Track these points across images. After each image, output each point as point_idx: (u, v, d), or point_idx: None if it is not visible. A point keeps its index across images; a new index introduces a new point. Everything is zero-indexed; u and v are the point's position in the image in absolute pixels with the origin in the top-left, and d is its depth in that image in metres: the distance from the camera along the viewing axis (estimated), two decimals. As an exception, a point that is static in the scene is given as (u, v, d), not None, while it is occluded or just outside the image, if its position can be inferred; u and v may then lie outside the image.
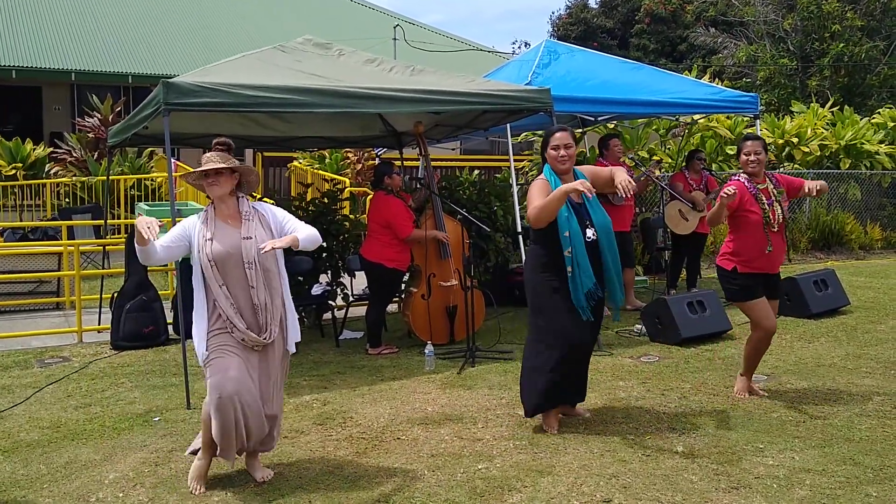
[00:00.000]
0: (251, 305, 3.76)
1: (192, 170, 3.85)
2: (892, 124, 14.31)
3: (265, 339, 3.77)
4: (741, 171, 5.08)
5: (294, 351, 4.00)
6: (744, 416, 4.81)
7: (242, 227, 3.82)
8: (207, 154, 3.85)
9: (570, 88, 7.76)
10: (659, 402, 5.13)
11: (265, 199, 7.85)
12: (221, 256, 3.75)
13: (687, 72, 14.39)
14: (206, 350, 3.75)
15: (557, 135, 4.52)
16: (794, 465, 4.01)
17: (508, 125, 7.50)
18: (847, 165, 13.35)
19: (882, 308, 8.12)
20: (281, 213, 3.98)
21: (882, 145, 13.70)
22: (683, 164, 8.83)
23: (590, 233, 4.45)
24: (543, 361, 4.53)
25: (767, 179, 5.02)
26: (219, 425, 3.68)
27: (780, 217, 4.92)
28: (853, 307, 8.09)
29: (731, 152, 12.15)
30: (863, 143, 13.46)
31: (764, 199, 4.91)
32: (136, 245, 3.68)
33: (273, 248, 3.69)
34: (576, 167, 4.62)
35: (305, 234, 3.84)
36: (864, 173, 13.48)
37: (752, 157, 4.96)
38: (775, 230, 4.90)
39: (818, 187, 4.88)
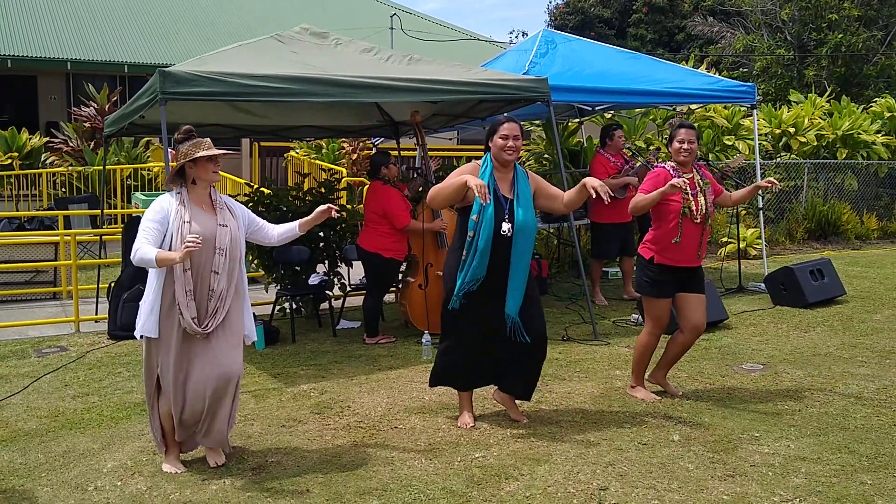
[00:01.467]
0: (207, 292, 3.83)
1: (205, 153, 3.85)
2: (889, 114, 14.29)
3: (205, 327, 3.82)
4: (668, 159, 4.89)
5: (250, 342, 4.10)
6: (739, 404, 4.83)
7: (218, 215, 3.93)
8: (202, 140, 3.90)
9: (568, 78, 7.74)
10: (655, 390, 5.15)
11: (262, 188, 7.83)
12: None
13: (684, 62, 14.36)
14: (149, 330, 3.83)
15: (507, 125, 4.37)
16: (789, 454, 4.04)
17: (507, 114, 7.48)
18: (844, 155, 13.35)
19: (878, 298, 8.15)
20: (248, 211, 4.18)
21: (879, 135, 13.69)
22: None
23: (505, 227, 4.28)
24: (441, 341, 4.57)
25: (695, 170, 4.84)
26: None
27: (704, 209, 4.72)
28: (849, 297, 8.11)
29: (729, 143, 12.15)
30: (859, 134, 13.45)
31: (688, 189, 4.69)
32: (151, 258, 3.68)
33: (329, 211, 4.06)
34: (524, 170, 4.49)
35: (282, 230, 4.21)
36: (861, 163, 13.49)
37: (684, 146, 4.75)
38: (697, 221, 4.69)
39: (768, 184, 4.82)
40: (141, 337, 3.90)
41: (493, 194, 4.29)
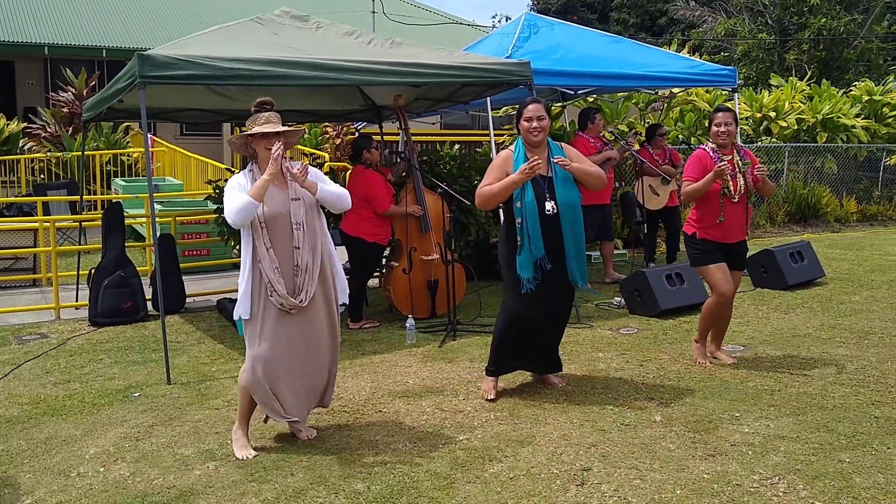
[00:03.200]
0: (293, 267, 3.85)
1: (258, 129, 3.84)
2: (869, 98, 14.41)
3: (301, 301, 3.85)
4: (709, 141, 5.15)
5: (345, 302, 4.16)
6: (720, 385, 4.89)
7: (290, 189, 3.91)
8: (266, 114, 3.87)
9: (550, 62, 7.74)
10: (637, 372, 5.20)
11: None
12: (272, 217, 3.85)
13: (666, 46, 14.37)
14: (249, 314, 3.86)
15: (531, 107, 4.52)
16: (769, 433, 4.09)
17: (489, 99, 7.48)
18: (824, 139, 13.46)
19: (856, 279, 8.24)
20: (320, 174, 4.09)
21: (858, 119, 13.81)
22: (644, 140, 8.87)
23: (549, 206, 4.43)
24: (497, 326, 4.72)
25: (735, 151, 5.08)
26: (256, 399, 3.94)
27: (742, 188, 4.97)
28: (828, 279, 8.20)
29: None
30: (839, 117, 13.56)
31: (728, 170, 4.93)
32: (248, 200, 3.72)
33: (301, 177, 3.83)
34: (558, 143, 4.63)
35: (332, 190, 4.00)
36: (841, 147, 13.60)
37: (722, 128, 5.02)
38: (735, 201, 4.97)
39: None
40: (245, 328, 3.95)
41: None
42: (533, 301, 4.54)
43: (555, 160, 4.47)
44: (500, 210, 4.75)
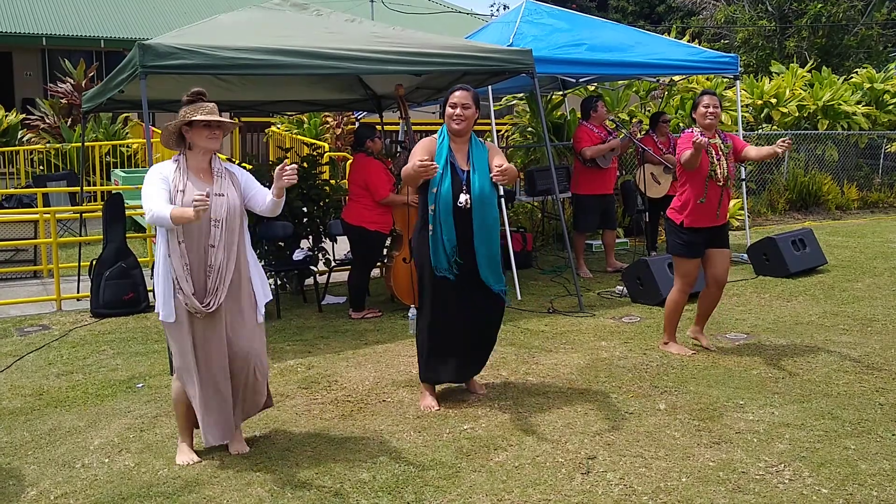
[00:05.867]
0: (205, 266, 3.61)
1: (200, 117, 3.61)
2: (869, 85, 14.36)
3: (207, 307, 3.60)
4: (695, 125, 5.22)
5: (261, 321, 3.84)
6: (724, 373, 4.88)
7: (215, 184, 3.69)
8: (204, 104, 3.66)
9: (551, 50, 7.70)
10: (641, 361, 5.19)
11: (243, 164, 7.76)
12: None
13: (666, 33, 14.31)
14: (168, 315, 3.64)
15: (458, 93, 4.31)
16: (773, 420, 4.09)
17: (490, 88, 7.44)
18: (825, 126, 13.42)
19: (858, 266, 8.23)
20: (250, 176, 3.89)
21: (859, 106, 13.76)
22: (648, 127, 8.84)
23: (463, 198, 4.24)
24: (423, 327, 4.44)
25: (717, 135, 5.17)
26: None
27: (724, 171, 5.08)
28: (830, 266, 8.19)
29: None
30: (840, 104, 13.52)
31: (713, 152, 5.06)
32: (166, 215, 3.46)
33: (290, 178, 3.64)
34: (481, 140, 4.44)
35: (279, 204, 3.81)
36: (842, 134, 13.56)
37: (709, 110, 5.11)
38: (721, 184, 5.07)
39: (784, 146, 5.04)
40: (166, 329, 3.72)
41: (449, 166, 4.26)
42: (446, 301, 4.31)
43: (493, 176, 4.17)
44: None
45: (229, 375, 3.73)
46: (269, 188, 3.81)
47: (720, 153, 5.09)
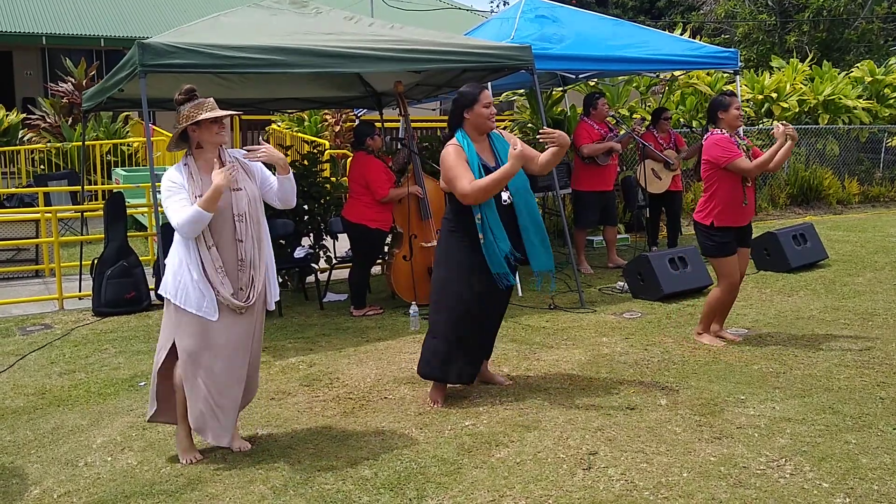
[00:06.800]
0: (237, 262, 3.61)
1: (209, 114, 3.56)
2: (870, 79, 14.34)
3: (246, 301, 3.62)
4: (718, 128, 5.17)
5: (272, 309, 3.91)
6: (725, 368, 4.89)
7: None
8: (204, 101, 3.61)
9: (551, 46, 7.69)
10: (642, 356, 5.20)
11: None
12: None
13: (668, 29, 14.30)
14: (179, 298, 3.59)
15: (487, 92, 4.31)
16: (774, 415, 4.09)
17: (490, 84, 7.43)
18: (825, 121, 13.40)
19: (859, 261, 8.23)
20: (263, 167, 3.85)
21: (860, 100, 13.75)
22: (649, 124, 8.84)
23: (504, 196, 4.24)
24: (441, 323, 4.37)
25: (736, 136, 5.23)
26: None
27: None
28: (831, 261, 8.19)
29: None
30: (841, 99, 13.50)
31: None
32: (199, 210, 3.45)
33: (260, 156, 3.60)
34: (496, 132, 4.43)
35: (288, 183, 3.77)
36: (842, 128, 13.55)
37: (741, 113, 5.19)
38: (749, 184, 5.14)
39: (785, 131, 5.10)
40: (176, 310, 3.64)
41: (481, 168, 4.20)
42: (484, 299, 4.30)
43: (541, 137, 4.17)
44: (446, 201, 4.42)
45: (245, 377, 3.77)
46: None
47: (744, 152, 5.15)
